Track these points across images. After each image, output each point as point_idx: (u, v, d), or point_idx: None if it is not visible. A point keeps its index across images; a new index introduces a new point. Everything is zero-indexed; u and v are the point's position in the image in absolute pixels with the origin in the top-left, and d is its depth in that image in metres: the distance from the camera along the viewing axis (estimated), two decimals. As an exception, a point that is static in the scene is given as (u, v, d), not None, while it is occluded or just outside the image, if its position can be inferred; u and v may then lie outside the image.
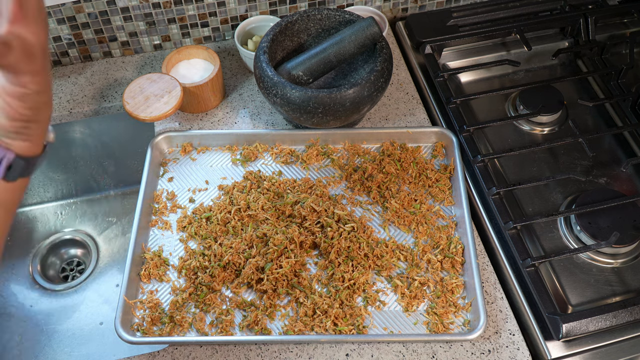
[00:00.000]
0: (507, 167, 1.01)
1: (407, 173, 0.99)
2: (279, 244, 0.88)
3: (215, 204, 0.96)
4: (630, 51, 1.12)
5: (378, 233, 0.93)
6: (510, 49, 1.18)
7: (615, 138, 1.05)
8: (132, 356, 0.83)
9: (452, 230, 0.93)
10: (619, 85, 1.09)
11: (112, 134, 1.17)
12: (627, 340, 0.83)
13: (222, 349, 0.83)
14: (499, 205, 0.93)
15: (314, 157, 1.01)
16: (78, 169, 1.22)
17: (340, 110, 0.94)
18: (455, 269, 0.88)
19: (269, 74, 0.95)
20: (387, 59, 0.97)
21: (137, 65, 1.17)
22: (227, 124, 1.08)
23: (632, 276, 0.88)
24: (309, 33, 1.06)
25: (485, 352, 0.82)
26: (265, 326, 0.83)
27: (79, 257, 1.20)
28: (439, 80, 1.09)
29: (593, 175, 1.00)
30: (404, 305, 0.85)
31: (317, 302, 0.84)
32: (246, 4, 1.15)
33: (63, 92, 1.13)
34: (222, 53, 1.19)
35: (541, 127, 1.06)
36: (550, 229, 0.93)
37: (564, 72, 1.17)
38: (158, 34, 1.16)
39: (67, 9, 1.07)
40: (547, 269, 0.89)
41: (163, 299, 0.87)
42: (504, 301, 0.87)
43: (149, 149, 1.01)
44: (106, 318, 1.10)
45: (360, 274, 0.87)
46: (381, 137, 1.03)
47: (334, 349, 0.83)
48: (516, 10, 1.21)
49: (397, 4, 1.23)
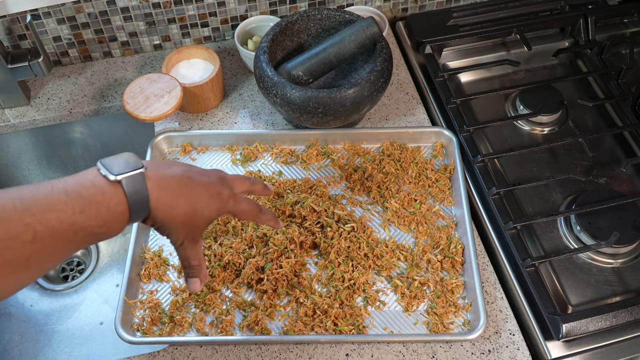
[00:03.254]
0: (507, 167, 1.01)
1: (407, 173, 0.99)
2: (279, 244, 0.88)
3: (215, 204, 0.96)
4: (630, 51, 1.12)
5: (378, 233, 0.93)
6: (510, 49, 1.18)
7: (615, 138, 1.05)
8: (132, 356, 0.83)
9: (452, 230, 0.93)
10: (619, 85, 1.09)
11: (112, 134, 1.17)
12: (627, 340, 0.83)
13: (222, 349, 0.83)
14: (499, 205, 0.93)
15: (314, 157, 1.01)
16: (78, 169, 1.22)
17: (340, 110, 0.94)
18: (455, 269, 0.88)
19: (269, 74, 0.95)
20: (387, 59, 0.97)
21: (137, 65, 1.17)
22: (227, 124, 1.08)
23: (632, 276, 0.88)
24: (309, 33, 1.06)
25: (485, 352, 0.82)
26: (265, 326, 0.83)
27: (78, 257, 1.20)
28: (439, 80, 1.09)
29: (593, 175, 1.00)
30: (404, 305, 0.85)
31: (317, 302, 0.84)
32: (246, 4, 1.15)
33: (63, 92, 1.13)
34: (222, 53, 1.19)
35: (541, 127, 1.06)
36: (550, 229, 0.93)
37: (564, 72, 1.17)
38: (158, 34, 1.16)
39: (67, 9, 1.07)
40: (547, 269, 0.89)
41: (163, 299, 0.87)
42: (504, 301, 0.87)
43: (149, 149, 1.01)
44: (106, 318, 1.10)
45: (360, 274, 0.87)
46: (381, 137, 1.03)
47: (334, 349, 0.83)
48: (516, 10, 1.21)
49: (397, 4, 1.23)
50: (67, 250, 0.56)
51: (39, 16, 1.07)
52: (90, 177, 0.58)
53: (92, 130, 1.16)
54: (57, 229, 0.54)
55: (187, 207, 0.64)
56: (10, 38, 1.09)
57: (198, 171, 0.67)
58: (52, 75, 1.15)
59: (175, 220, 0.64)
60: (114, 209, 0.58)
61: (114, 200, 0.58)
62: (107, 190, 0.58)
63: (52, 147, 1.17)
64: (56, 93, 1.13)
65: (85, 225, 0.56)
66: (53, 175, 1.22)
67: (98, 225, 0.57)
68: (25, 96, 1.10)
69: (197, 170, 0.67)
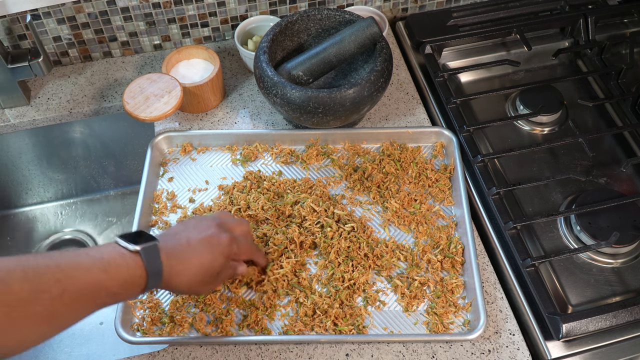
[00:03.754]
0: (507, 167, 1.01)
1: (407, 173, 0.99)
2: (279, 244, 0.88)
3: (216, 204, 0.96)
4: (630, 51, 1.12)
5: (378, 233, 0.93)
6: (510, 49, 1.18)
7: (615, 138, 1.05)
8: (132, 356, 0.83)
9: (452, 230, 0.93)
10: (619, 85, 1.09)
11: (112, 134, 1.17)
12: (627, 340, 0.83)
13: (222, 349, 0.83)
14: (499, 205, 0.93)
15: (314, 157, 1.01)
16: (78, 169, 1.22)
17: (340, 110, 0.94)
18: (455, 269, 0.88)
19: (269, 74, 0.95)
20: (387, 59, 0.97)
21: (137, 65, 1.17)
22: (227, 124, 1.08)
23: (632, 276, 0.88)
24: (309, 33, 1.06)
25: (485, 352, 0.82)
26: (265, 326, 0.83)
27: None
28: (439, 80, 1.09)
29: (593, 175, 1.00)
30: (404, 305, 0.85)
31: (317, 302, 0.84)
32: (246, 4, 1.15)
33: (63, 92, 1.13)
34: (222, 53, 1.19)
35: (541, 127, 1.06)
36: (550, 229, 0.93)
37: (564, 72, 1.17)
38: (158, 34, 1.16)
39: (67, 9, 1.07)
40: (547, 269, 0.89)
41: (163, 299, 0.87)
42: (504, 301, 0.87)
43: (149, 149, 1.01)
44: (106, 318, 1.10)
45: (360, 274, 0.87)
46: (381, 137, 1.03)
47: (334, 349, 0.83)
48: (516, 10, 1.21)
49: (397, 4, 1.23)
50: (89, 308, 0.63)
51: (39, 16, 1.07)
52: (111, 247, 0.67)
53: (92, 130, 1.16)
54: (83, 286, 0.61)
55: (196, 268, 0.73)
56: (10, 38, 1.09)
57: (195, 229, 0.75)
58: (52, 75, 1.15)
59: (190, 281, 0.73)
60: (133, 272, 0.66)
61: (132, 264, 0.66)
62: (127, 255, 0.66)
63: (52, 147, 1.17)
64: (56, 93, 1.13)
65: (107, 284, 0.63)
66: (53, 175, 1.22)
67: (118, 285, 0.64)
68: (25, 96, 1.10)
69: (195, 229, 0.75)
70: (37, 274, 0.58)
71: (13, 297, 0.56)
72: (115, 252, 0.66)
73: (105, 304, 0.65)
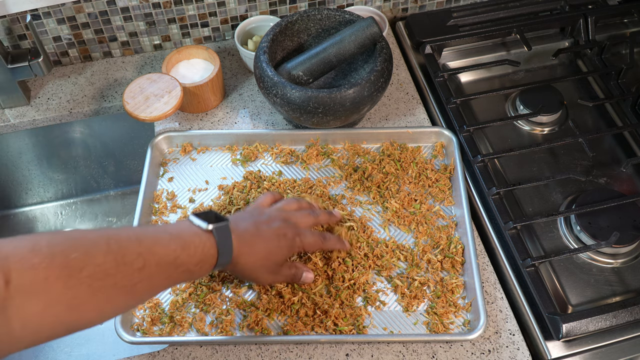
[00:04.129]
0: (507, 167, 1.01)
1: (407, 173, 0.99)
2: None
3: (216, 204, 0.96)
4: (630, 51, 1.12)
5: (378, 233, 0.93)
6: (510, 49, 1.18)
7: (615, 138, 1.05)
8: (132, 356, 0.83)
9: (452, 230, 0.93)
10: (619, 85, 1.09)
11: (112, 134, 1.17)
12: (627, 340, 0.83)
13: (222, 349, 0.83)
14: (499, 205, 0.93)
15: (314, 157, 1.01)
16: (78, 169, 1.22)
17: (340, 110, 0.94)
18: (455, 269, 0.88)
19: (269, 74, 0.95)
20: (387, 59, 0.97)
21: (137, 65, 1.17)
22: (227, 124, 1.08)
23: (632, 276, 0.88)
24: (309, 33, 1.06)
25: (485, 352, 0.82)
26: (265, 326, 0.83)
27: (79, 257, 1.20)
28: (439, 80, 1.09)
29: (593, 175, 1.00)
30: (404, 305, 0.85)
31: (317, 302, 0.84)
32: (246, 4, 1.15)
33: (63, 92, 1.13)
34: (222, 53, 1.19)
35: (541, 127, 1.06)
36: (550, 229, 0.93)
37: (564, 72, 1.17)
38: (158, 34, 1.16)
39: (67, 9, 1.07)
40: (547, 269, 0.89)
41: (163, 299, 0.87)
42: (504, 301, 0.87)
43: (149, 149, 1.01)
44: (106, 318, 1.09)
45: (360, 274, 0.87)
46: (381, 137, 1.03)
47: (334, 349, 0.83)
48: (516, 10, 1.21)
49: (397, 4, 1.23)
50: (166, 283, 0.66)
51: (39, 16, 1.07)
52: (186, 225, 0.69)
53: (92, 130, 1.16)
54: (163, 261, 0.63)
55: (262, 254, 0.76)
56: (10, 38, 1.09)
57: (265, 220, 0.78)
58: (52, 75, 1.15)
59: (255, 264, 0.76)
60: (207, 252, 0.68)
61: (207, 244, 0.68)
62: (202, 235, 0.68)
63: (52, 147, 1.17)
64: (56, 93, 1.13)
65: (184, 261, 0.65)
66: (53, 175, 1.22)
67: (194, 263, 0.66)
68: (25, 96, 1.10)
69: (264, 220, 0.78)
70: (120, 247, 0.60)
71: (97, 269, 0.57)
72: (191, 230, 0.68)
73: (180, 281, 0.68)
